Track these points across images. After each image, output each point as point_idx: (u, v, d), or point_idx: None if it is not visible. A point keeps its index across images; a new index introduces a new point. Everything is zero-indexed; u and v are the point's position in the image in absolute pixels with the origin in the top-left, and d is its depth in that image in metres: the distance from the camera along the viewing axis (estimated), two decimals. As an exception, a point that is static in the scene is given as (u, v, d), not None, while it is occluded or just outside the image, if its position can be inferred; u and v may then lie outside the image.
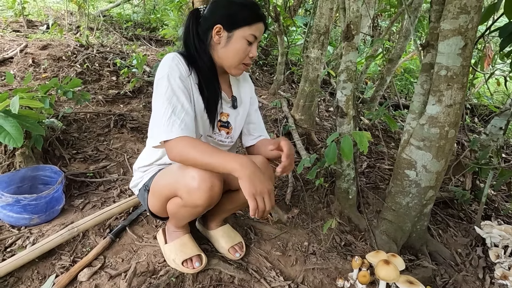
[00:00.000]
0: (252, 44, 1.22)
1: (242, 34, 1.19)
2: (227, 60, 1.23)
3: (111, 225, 1.53)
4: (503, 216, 2.37)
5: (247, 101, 1.45)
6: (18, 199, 1.41)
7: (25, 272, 1.28)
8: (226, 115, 1.36)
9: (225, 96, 1.35)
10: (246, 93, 1.45)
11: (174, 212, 1.27)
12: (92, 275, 1.29)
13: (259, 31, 1.22)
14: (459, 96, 1.49)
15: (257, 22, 1.20)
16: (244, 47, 1.20)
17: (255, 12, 1.20)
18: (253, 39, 1.21)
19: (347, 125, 1.78)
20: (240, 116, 1.41)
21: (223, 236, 1.49)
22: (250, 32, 1.19)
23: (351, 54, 1.70)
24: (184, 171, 1.14)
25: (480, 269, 1.76)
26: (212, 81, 1.26)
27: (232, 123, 1.38)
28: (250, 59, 1.24)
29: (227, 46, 1.21)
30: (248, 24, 1.19)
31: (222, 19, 1.19)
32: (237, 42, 1.20)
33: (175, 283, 1.30)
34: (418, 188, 1.65)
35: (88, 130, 2.17)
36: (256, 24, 1.20)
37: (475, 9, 1.39)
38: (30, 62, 3.01)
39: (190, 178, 1.11)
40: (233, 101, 1.37)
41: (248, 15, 1.19)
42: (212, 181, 1.12)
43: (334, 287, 1.45)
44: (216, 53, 1.24)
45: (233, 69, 1.26)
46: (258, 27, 1.21)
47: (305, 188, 2.01)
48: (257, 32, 1.21)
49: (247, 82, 1.48)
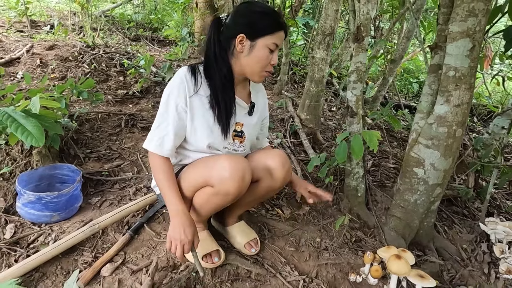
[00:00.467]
0: (273, 51, 1.27)
1: (265, 42, 1.23)
2: (250, 68, 1.27)
3: (129, 222, 1.57)
4: (505, 214, 2.43)
5: (262, 109, 1.50)
6: (40, 197, 1.44)
7: (49, 268, 1.31)
8: (240, 125, 1.40)
9: (242, 102, 1.39)
10: (262, 101, 1.50)
11: (203, 201, 1.30)
12: (114, 270, 1.33)
13: (280, 39, 1.26)
14: (466, 96, 1.54)
15: (279, 30, 1.25)
16: (266, 55, 1.25)
17: (276, 21, 1.25)
18: (275, 47, 1.25)
19: (356, 124, 1.83)
20: (253, 124, 1.45)
21: (239, 232, 1.54)
22: (272, 41, 1.24)
23: (361, 55, 1.75)
24: (216, 162, 1.22)
25: (485, 264, 1.81)
26: (227, 88, 1.30)
27: (246, 132, 1.42)
28: (271, 66, 1.29)
29: (250, 54, 1.25)
30: (270, 33, 1.23)
31: (245, 29, 1.23)
32: (259, 51, 1.24)
33: (195, 277, 1.34)
34: (426, 185, 1.70)
35: (100, 130, 2.21)
36: (277, 33, 1.24)
37: (483, 12, 1.44)
38: (38, 62, 3.04)
39: (222, 169, 1.19)
40: (251, 107, 1.42)
41: (270, 24, 1.23)
42: (244, 172, 1.20)
43: (347, 282, 1.49)
44: (238, 61, 1.28)
45: (256, 76, 1.30)
46: (280, 35, 1.25)
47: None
48: (279, 41, 1.26)
49: (262, 90, 1.53)
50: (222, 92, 1.28)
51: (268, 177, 1.38)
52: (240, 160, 1.23)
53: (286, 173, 1.38)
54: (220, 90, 1.28)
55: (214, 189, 1.23)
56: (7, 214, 1.56)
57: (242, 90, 1.40)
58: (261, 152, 1.47)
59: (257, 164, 1.38)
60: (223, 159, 1.21)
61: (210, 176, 1.22)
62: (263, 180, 1.39)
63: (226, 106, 1.29)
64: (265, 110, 1.55)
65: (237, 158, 1.22)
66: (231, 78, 1.30)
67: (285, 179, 1.40)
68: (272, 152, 1.43)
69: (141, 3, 6.87)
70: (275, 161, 1.36)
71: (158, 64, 3.53)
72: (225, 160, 1.20)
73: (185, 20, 4.79)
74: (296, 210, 1.87)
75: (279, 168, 1.36)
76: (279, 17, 1.27)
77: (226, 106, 1.29)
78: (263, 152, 1.45)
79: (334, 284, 1.47)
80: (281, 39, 1.27)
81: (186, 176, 1.34)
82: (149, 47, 4.93)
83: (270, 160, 1.37)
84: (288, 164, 1.39)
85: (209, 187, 1.25)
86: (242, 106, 1.39)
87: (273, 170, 1.36)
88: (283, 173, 1.37)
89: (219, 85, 1.27)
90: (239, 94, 1.38)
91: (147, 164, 2.02)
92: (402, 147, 3.30)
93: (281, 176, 1.37)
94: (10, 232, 1.44)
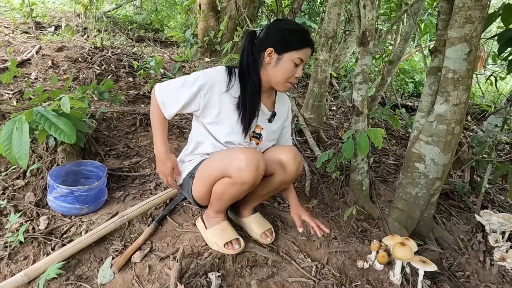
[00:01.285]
0: (298, 65, 1.39)
1: (290, 57, 1.36)
2: (276, 78, 1.41)
3: (152, 214, 1.68)
4: (498, 207, 2.58)
5: (283, 118, 1.63)
6: (72, 190, 1.55)
7: (83, 255, 1.42)
8: (260, 128, 1.53)
9: (265, 109, 1.52)
10: (284, 111, 1.63)
11: (222, 191, 1.42)
12: (144, 257, 1.44)
13: (305, 55, 1.39)
14: (464, 96, 1.68)
15: (305, 47, 1.38)
16: (290, 68, 1.38)
17: (303, 38, 1.37)
18: (300, 61, 1.38)
19: (362, 122, 1.96)
20: (273, 130, 1.58)
21: (255, 223, 1.66)
22: (297, 56, 1.37)
23: (366, 58, 1.88)
24: (232, 154, 1.35)
25: (480, 252, 1.94)
26: (255, 95, 1.43)
27: (264, 136, 1.55)
28: (295, 79, 1.42)
29: (276, 66, 1.38)
30: (296, 49, 1.36)
31: (274, 43, 1.37)
32: (284, 64, 1.37)
33: (218, 263, 1.46)
34: (426, 179, 1.84)
35: (117, 129, 2.32)
36: (303, 49, 1.37)
37: (479, 19, 1.58)
38: (49, 64, 3.13)
39: (238, 160, 1.31)
40: (272, 115, 1.55)
41: (297, 41, 1.36)
42: (258, 161, 1.32)
43: (355, 268, 1.62)
44: (265, 71, 1.42)
45: (280, 86, 1.44)
46: (305, 51, 1.38)
47: (322, 180, 2.18)
48: (304, 56, 1.38)
49: (287, 103, 1.66)
50: (250, 98, 1.41)
51: (281, 170, 1.50)
52: (254, 151, 1.35)
53: (298, 166, 1.50)
54: (249, 96, 1.41)
55: (232, 179, 1.35)
56: (38, 207, 1.66)
57: (267, 98, 1.54)
58: (274, 148, 1.59)
59: (270, 158, 1.50)
60: (238, 152, 1.33)
61: (228, 167, 1.34)
62: (276, 173, 1.51)
63: (251, 110, 1.43)
64: (287, 121, 1.67)
65: (251, 150, 1.35)
66: (259, 87, 1.44)
67: (297, 171, 1.52)
68: (283, 147, 1.56)
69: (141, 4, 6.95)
70: (287, 155, 1.48)
71: (165, 65, 3.64)
72: (240, 153, 1.32)
73: (187, 22, 4.89)
74: (306, 203, 1.99)
75: (291, 161, 1.48)
76: (307, 34, 1.39)
77: (251, 110, 1.42)
78: (276, 148, 1.58)
79: (343, 269, 1.59)
80: (307, 55, 1.40)
81: (205, 169, 1.45)
82: (152, 48, 5.03)
83: (282, 154, 1.49)
84: (299, 157, 1.51)
85: (227, 178, 1.37)
86: (265, 112, 1.53)
87: (286, 163, 1.48)
88: (295, 165, 1.49)
89: (248, 91, 1.41)
90: (264, 101, 1.52)
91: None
92: (401, 144, 3.45)
93: (293, 168, 1.49)
94: (44, 223, 1.55)
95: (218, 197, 1.47)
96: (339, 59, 5.43)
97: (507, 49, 1.96)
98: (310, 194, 2.07)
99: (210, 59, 4.49)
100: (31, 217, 1.60)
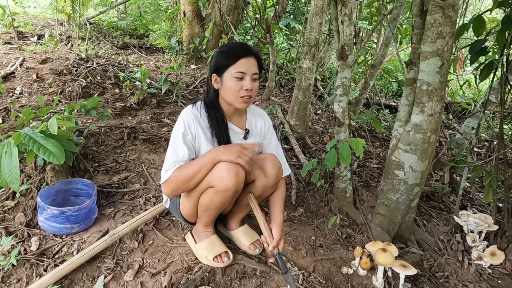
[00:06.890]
0: (243, 78, 1.44)
1: (229, 74, 1.44)
2: (228, 98, 1.49)
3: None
4: (477, 206, 2.69)
5: (259, 132, 1.69)
6: (63, 211, 1.58)
7: (76, 275, 1.46)
8: None
9: (237, 129, 1.61)
10: (258, 127, 1.69)
11: (208, 202, 1.47)
12: (136, 274, 1.48)
13: (243, 65, 1.42)
14: (438, 107, 1.76)
15: (239, 59, 1.42)
16: (234, 84, 1.44)
17: (234, 52, 1.44)
18: (241, 74, 1.43)
19: (343, 133, 2.03)
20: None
21: (243, 235, 1.72)
22: (235, 70, 1.43)
23: (345, 71, 1.95)
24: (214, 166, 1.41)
25: (459, 252, 2.05)
26: (219, 121, 1.53)
27: None
28: (245, 91, 1.44)
29: (223, 87, 1.47)
30: (230, 65, 1.43)
31: (214, 69, 1.48)
32: (227, 82, 1.45)
33: (208, 277, 1.51)
34: (406, 185, 1.92)
35: (105, 143, 2.34)
36: (238, 61, 1.42)
37: (450, 35, 1.67)
38: (34, 77, 3.12)
39: (219, 169, 1.38)
40: (246, 133, 1.63)
41: (228, 57, 1.44)
42: (237, 169, 1.38)
43: (340, 274, 1.70)
44: (220, 96, 1.52)
45: (237, 104, 1.49)
46: (241, 62, 1.42)
47: (307, 189, 2.25)
48: (242, 68, 1.42)
49: (262, 118, 1.72)
50: (216, 125, 1.52)
51: (262, 175, 1.56)
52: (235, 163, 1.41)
53: (278, 171, 1.57)
54: (215, 123, 1.52)
55: (215, 188, 1.40)
56: (29, 228, 1.69)
57: (238, 118, 1.62)
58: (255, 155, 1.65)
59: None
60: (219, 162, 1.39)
61: (210, 177, 1.40)
62: (258, 178, 1.57)
63: (221, 135, 1.52)
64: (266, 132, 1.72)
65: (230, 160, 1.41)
66: (220, 113, 1.54)
67: (278, 175, 1.58)
68: (263, 155, 1.62)
69: (125, 9, 6.92)
70: (266, 161, 1.56)
71: (151, 74, 3.66)
72: (221, 162, 1.39)
73: (171, 29, 4.90)
74: (292, 212, 2.06)
75: (271, 166, 1.55)
76: (238, 48, 1.46)
77: (221, 134, 1.52)
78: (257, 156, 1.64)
79: (329, 276, 1.67)
80: (245, 65, 1.43)
81: None
82: (138, 56, 5.03)
83: (262, 160, 1.56)
84: (278, 163, 1.58)
85: (210, 188, 1.43)
86: (237, 131, 1.61)
87: (266, 168, 1.55)
88: (275, 170, 1.55)
89: (213, 119, 1.52)
90: (236, 122, 1.61)
91: (153, 174, 2.17)
92: (384, 146, 3.55)
93: (273, 173, 1.55)
94: (35, 244, 1.58)
95: (205, 208, 1.52)
96: (324, 61, 5.53)
97: (478, 59, 2.06)
98: (296, 202, 2.14)
99: (196, 66, 4.52)
100: (23, 238, 1.62)
